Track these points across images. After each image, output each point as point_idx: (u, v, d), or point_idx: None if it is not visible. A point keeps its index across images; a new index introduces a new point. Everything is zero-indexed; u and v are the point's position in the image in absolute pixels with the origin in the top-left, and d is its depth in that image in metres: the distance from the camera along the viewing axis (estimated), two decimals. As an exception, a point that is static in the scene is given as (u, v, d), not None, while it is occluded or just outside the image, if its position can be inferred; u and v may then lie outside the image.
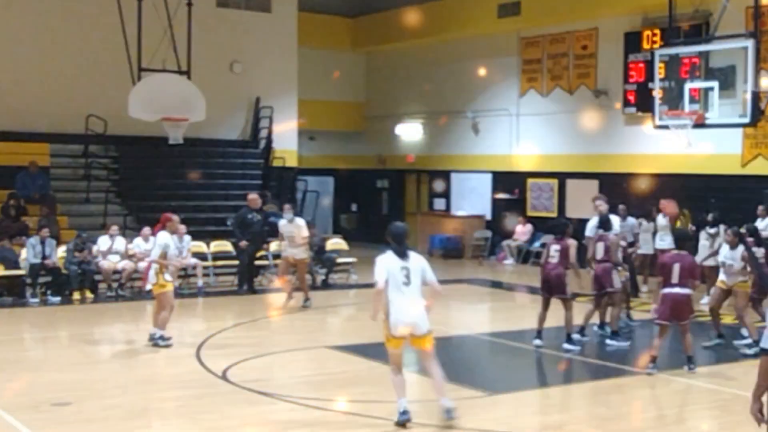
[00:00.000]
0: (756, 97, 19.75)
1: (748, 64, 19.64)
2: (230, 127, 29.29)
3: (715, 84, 20.71)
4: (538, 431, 11.10)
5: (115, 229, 21.98)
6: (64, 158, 25.83)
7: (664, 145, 24.14)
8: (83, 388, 12.46)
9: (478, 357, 15.26)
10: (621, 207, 20.77)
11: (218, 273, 23.59)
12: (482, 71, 31.60)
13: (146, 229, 21.90)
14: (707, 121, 20.78)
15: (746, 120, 20.22)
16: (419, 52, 34.23)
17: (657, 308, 13.78)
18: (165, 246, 15.00)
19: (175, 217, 15.65)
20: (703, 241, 21.10)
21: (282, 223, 20.24)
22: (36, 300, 20.14)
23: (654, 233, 23.12)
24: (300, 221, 20.08)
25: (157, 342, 15.24)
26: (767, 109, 20.62)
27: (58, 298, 20.48)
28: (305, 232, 19.76)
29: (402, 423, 10.48)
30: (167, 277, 15.10)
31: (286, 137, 30.03)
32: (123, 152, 26.64)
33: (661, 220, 23.36)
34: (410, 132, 34.87)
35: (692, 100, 21.22)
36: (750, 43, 19.58)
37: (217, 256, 23.74)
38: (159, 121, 22.19)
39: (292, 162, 30.10)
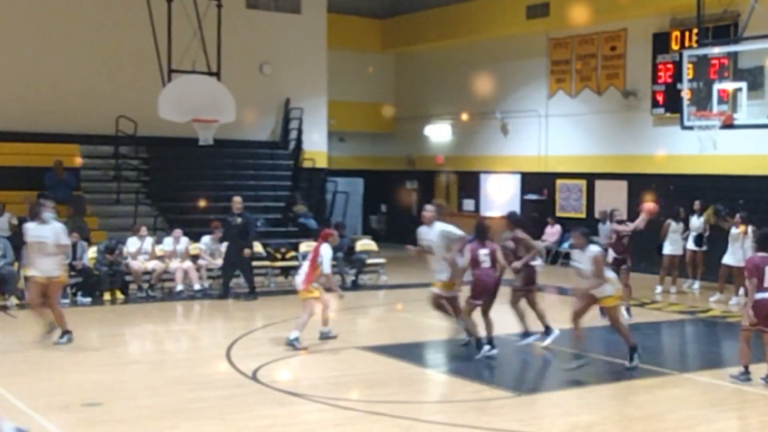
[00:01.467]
0: (784, 97, 19.58)
1: (777, 64, 19.48)
2: (260, 129, 29.09)
3: (743, 85, 20.52)
4: (569, 430, 10.86)
5: (144, 230, 21.89)
6: (95, 159, 25.73)
7: (692, 146, 23.87)
8: (113, 388, 12.41)
9: (506, 357, 14.98)
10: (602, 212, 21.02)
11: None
12: (511, 72, 31.47)
13: (177, 231, 22.07)
14: (735, 122, 20.59)
15: (775, 121, 20.05)
16: (448, 53, 34.08)
17: (749, 313, 12.78)
18: (326, 258, 15.14)
19: (334, 232, 15.92)
20: (732, 242, 20.95)
21: None
22: (66, 301, 19.53)
23: (684, 234, 23.00)
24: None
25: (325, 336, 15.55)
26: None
27: (88, 299, 20.33)
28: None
29: None
30: (315, 285, 15.19)
31: (315, 138, 29.98)
32: (153, 153, 26.60)
33: (695, 221, 23.17)
34: (439, 133, 34.71)
35: (720, 101, 21.05)
36: (779, 43, 19.43)
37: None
38: (189, 122, 22.12)
39: (321, 163, 29.94)
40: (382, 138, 36.92)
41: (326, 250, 15.23)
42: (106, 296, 20.61)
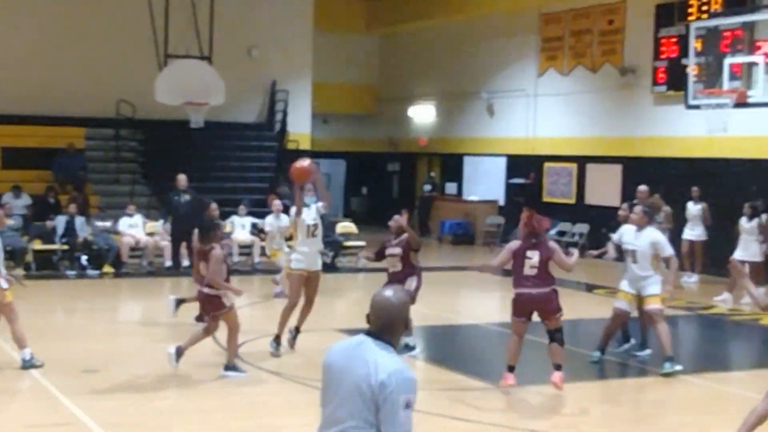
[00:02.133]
0: (809, 71, 17.38)
1: (800, 35, 17.30)
2: (248, 111, 29.26)
3: (760, 58, 18.39)
4: (550, 427, 10.34)
5: (132, 208, 22.51)
6: (97, 141, 26.74)
7: (698, 127, 21.61)
8: (110, 357, 13.00)
9: (487, 347, 14.34)
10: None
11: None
12: (498, 50, 29.91)
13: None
14: (750, 100, 18.49)
15: (796, 98, 17.87)
16: (434, 32, 32.89)
17: None
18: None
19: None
20: (745, 235, 18.79)
21: None
22: (73, 272, 20.96)
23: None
24: None
25: None
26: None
27: (95, 272, 21.11)
28: None
29: None
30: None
31: (300, 120, 29.83)
32: (150, 135, 27.14)
33: (692, 208, 21.16)
34: (423, 114, 33.74)
35: (733, 77, 18.93)
36: (804, 11, 17.24)
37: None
38: (182, 105, 23.20)
39: (305, 145, 29.51)
40: (365, 119, 36.26)
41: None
42: (105, 269, 21.26)
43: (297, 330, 13.32)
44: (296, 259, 13.17)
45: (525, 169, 29.00)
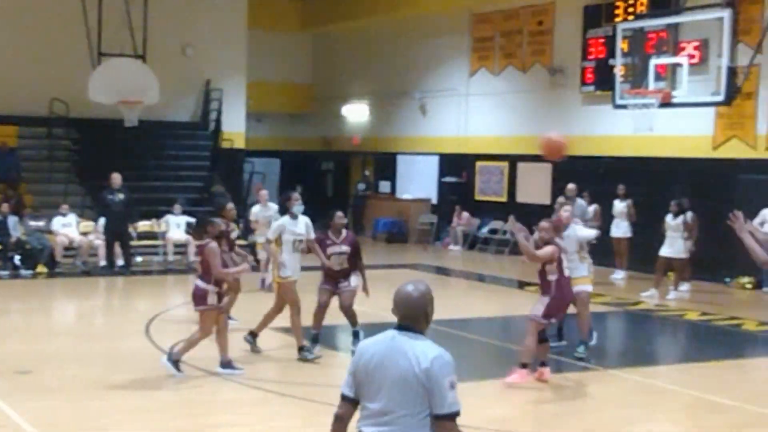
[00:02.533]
0: (731, 72, 17.55)
1: (723, 37, 17.45)
2: (182, 110, 28.90)
3: (684, 59, 18.57)
4: (484, 423, 9.90)
5: (65, 207, 22.10)
6: (31, 140, 26.26)
7: (625, 126, 21.80)
8: (44, 357, 12.75)
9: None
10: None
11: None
12: (431, 50, 29.82)
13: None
14: (674, 100, 18.66)
15: (720, 98, 18.04)
16: (368, 32, 32.56)
17: None
18: None
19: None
20: (671, 232, 19.00)
21: None
22: (6, 272, 20.53)
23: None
24: None
25: None
26: (744, 86, 18.48)
27: (29, 272, 20.72)
28: None
29: None
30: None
31: (234, 119, 29.52)
32: (83, 134, 26.64)
33: (618, 205, 21.37)
34: (357, 113, 33.49)
35: (658, 78, 19.09)
36: (726, 14, 17.35)
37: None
38: (117, 104, 22.95)
39: (240, 144, 29.42)
40: (300, 118, 35.92)
41: None
42: (38, 269, 20.96)
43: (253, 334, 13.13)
44: (283, 269, 12.68)
45: (458, 167, 28.94)
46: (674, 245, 18.87)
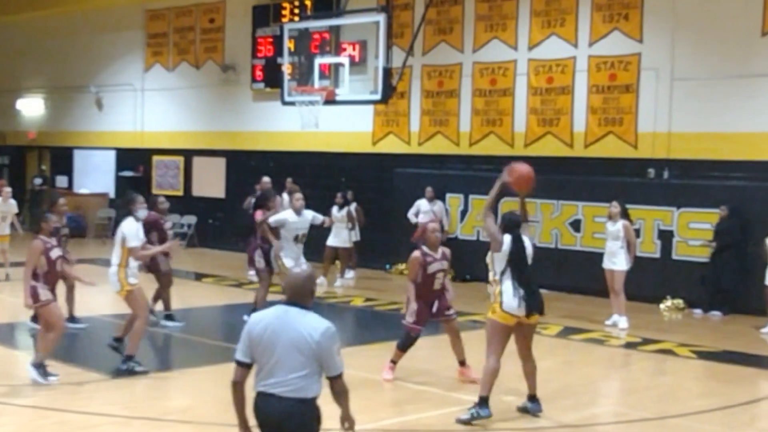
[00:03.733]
0: (387, 73, 18.13)
1: (379, 40, 18.03)
2: None
3: (345, 60, 19.02)
4: (162, 414, 9.85)
5: None
6: None
7: (293, 122, 22.19)
8: None
9: (102, 340, 13.24)
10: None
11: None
12: (106, 45, 29.12)
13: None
14: (338, 98, 19.05)
15: (377, 97, 18.54)
16: (42, 24, 31.31)
17: None
18: None
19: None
20: (337, 223, 19.48)
21: None
22: None
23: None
24: None
25: None
26: (399, 85, 19.24)
27: None
28: None
29: None
30: None
31: None
32: None
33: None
34: (32, 107, 32.25)
35: (322, 76, 19.39)
36: (381, 18, 17.81)
37: None
38: None
39: None
40: None
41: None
42: None
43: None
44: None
45: (134, 162, 28.43)
46: (339, 235, 19.40)
